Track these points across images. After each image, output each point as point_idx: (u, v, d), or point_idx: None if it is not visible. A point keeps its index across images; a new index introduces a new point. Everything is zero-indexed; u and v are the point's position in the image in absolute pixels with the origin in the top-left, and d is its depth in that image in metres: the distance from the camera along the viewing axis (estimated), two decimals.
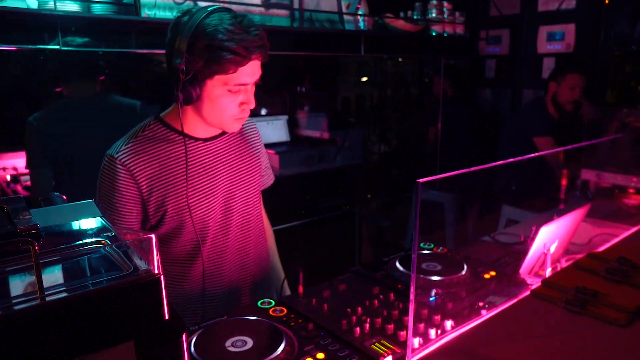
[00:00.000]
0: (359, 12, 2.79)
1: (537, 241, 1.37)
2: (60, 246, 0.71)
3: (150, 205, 1.23)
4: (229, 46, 1.12)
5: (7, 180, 2.36)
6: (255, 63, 1.20)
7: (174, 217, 1.26)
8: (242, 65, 1.16)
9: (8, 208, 0.74)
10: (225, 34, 1.12)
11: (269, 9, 2.42)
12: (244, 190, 1.38)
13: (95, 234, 0.77)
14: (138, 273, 0.66)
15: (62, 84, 2.24)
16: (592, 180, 2.40)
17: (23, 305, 0.59)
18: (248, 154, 1.41)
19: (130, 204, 1.22)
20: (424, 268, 1.45)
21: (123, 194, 1.21)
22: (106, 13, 1.98)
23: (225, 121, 1.25)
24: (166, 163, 1.24)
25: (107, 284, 0.64)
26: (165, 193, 1.24)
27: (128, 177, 1.20)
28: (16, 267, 0.66)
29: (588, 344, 1.13)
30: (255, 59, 1.18)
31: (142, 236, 0.70)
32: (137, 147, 1.22)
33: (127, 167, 1.20)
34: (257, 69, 1.22)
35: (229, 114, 1.23)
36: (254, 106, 1.25)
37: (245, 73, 1.19)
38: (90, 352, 0.62)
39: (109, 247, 0.73)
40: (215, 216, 1.32)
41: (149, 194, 1.22)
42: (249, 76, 1.20)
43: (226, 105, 1.21)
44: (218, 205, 1.32)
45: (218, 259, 1.36)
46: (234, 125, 1.28)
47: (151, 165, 1.22)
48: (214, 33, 1.12)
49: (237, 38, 1.13)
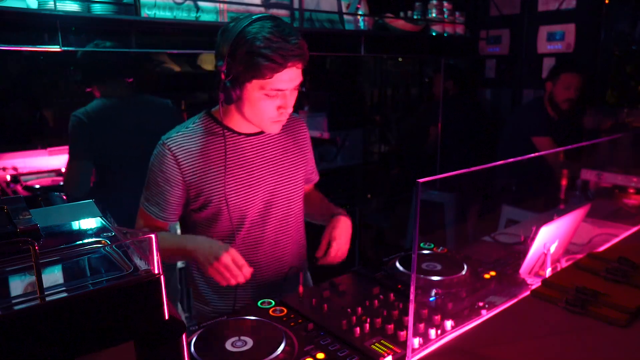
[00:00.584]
0: (359, 12, 2.79)
1: (537, 241, 1.37)
2: (60, 246, 0.71)
3: (191, 191, 1.34)
4: (265, 53, 1.19)
5: (7, 180, 2.36)
6: (293, 70, 1.25)
7: (213, 204, 1.35)
8: (278, 71, 1.22)
9: (8, 208, 0.74)
10: (263, 42, 1.19)
11: (269, 9, 2.42)
12: (286, 185, 1.45)
13: (95, 234, 0.77)
14: (138, 273, 0.66)
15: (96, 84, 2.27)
16: (592, 180, 2.40)
17: (23, 305, 0.59)
18: (292, 150, 1.48)
19: (174, 187, 1.34)
20: (424, 268, 1.45)
21: (168, 177, 1.33)
22: (106, 13, 1.98)
23: (264, 122, 1.33)
24: (209, 153, 1.35)
25: (107, 284, 0.64)
26: (205, 181, 1.34)
27: (173, 162, 1.32)
28: (16, 267, 0.66)
29: (588, 344, 1.13)
30: (292, 67, 1.24)
31: (142, 236, 0.70)
32: (186, 136, 1.34)
33: (173, 152, 1.32)
34: (296, 76, 1.28)
35: (267, 116, 1.30)
36: (291, 111, 1.33)
37: (282, 79, 1.24)
38: (90, 352, 0.62)
39: (109, 247, 0.73)
40: (254, 208, 1.39)
41: (191, 179, 1.33)
42: (286, 82, 1.26)
43: (264, 108, 1.29)
44: (258, 198, 1.40)
45: (253, 249, 1.43)
46: (272, 127, 1.34)
47: (195, 154, 1.33)
48: (253, 40, 1.20)
49: (274, 46, 1.19)
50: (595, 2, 3.28)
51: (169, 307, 0.68)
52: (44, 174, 2.50)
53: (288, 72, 1.24)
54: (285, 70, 1.23)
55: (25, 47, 1.94)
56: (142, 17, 2.01)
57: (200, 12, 2.18)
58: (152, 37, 2.34)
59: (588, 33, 3.32)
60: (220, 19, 2.24)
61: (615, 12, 3.25)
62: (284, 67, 1.22)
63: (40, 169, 2.50)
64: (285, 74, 1.24)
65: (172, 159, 1.32)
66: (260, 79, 1.23)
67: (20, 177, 2.41)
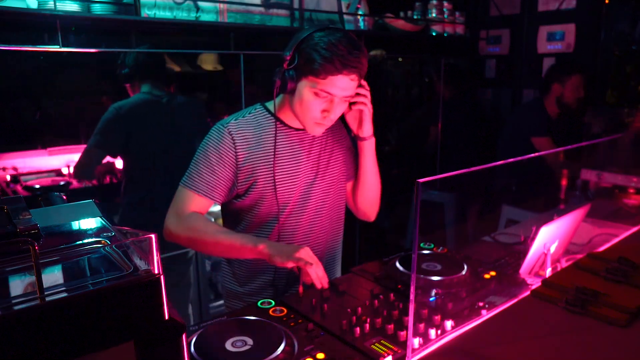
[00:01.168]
0: (359, 12, 2.79)
1: (537, 241, 1.37)
2: (60, 246, 0.71)
3: (240, 174, 1.42)
4: (326, 55, 1.28)
5: (7, 180, 2.36)
6: (347, 80, 1.32)
7: (258, 189, 1.43)
8: (331, 74, 1.29)
9: (8, 208, 0.74)
10: (327, 45, 1.29)
11: (269, 9, 2.42)
12: (324, 180, 1.53)
13: (95, 234, 0.77)
14: (138, 273, 0.66)
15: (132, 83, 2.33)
16: (592, 180, 2.40)
17: (23, 305, 0.59)
18: (334, 150, 1.56)
19: (227, 167, 1.41)
20: (424, 268, 1.45)
21: (223, 156, 1.40)
22: (106, 13, 1.98)
23: (307, 121, 1.40)
24: (262, 141, 1.43)
25: (107, 284, 0.64)
26: (255, 166, 1.42)
27: (231, 144, 1.40)
28: (16, 267, 0.66)
29: (588, 344, 1.13)
30: (346, 75, 1.31)
31: (142, 236, 0.70)
32: (243, 123, 1.44)
33: (232, 135, 1.40)
34: (348, 87, 1.34)
35: (310, 115, 1.37)
36: (335, 118, 1.39)
37: (335, 84, 1.31)
38: (90, 352, 0.62)
39: (108, 247, 0.73)
40: (293, 198, 1.47)
41: (243, 163, 1.41)
42: (337, 88, 1.32)
43: (311, 106, 1.35)
44: (298, 189, 1.48)
45: (289, 239, 1.50)
46: (314, 128, 1.41)
47: (250, 140, 1.42)
48: (319, 41, 1.30)
49: (335, 51, 1.28)
50: (595, 2, 3.28)
51: (169, 307, 0.68)
52: (44, 174, 2.50)
53: (341, 80, 1.31)
54: (340, 77, 1.30)
55: (25, 47, 1.94)
56: (142, 17, 2.01)
57: (200, 12, 2.19)
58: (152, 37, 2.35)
59: (588, 33, 3.32)
60: (220, 19, 2.24)
61: (615, 12, 3.25)
62: (339, 73, 1.29)
63: (40, 169, 2.50)
64: (339, 80, 1.31)
65: (229, 140, 1.40)
66: (315, 77, 1.30)
67: (20, 177, 2.41)
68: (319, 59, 1.28)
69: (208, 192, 1.39)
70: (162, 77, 2.39)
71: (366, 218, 1.69)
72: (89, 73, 2.28)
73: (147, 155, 2.32)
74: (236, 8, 2.27)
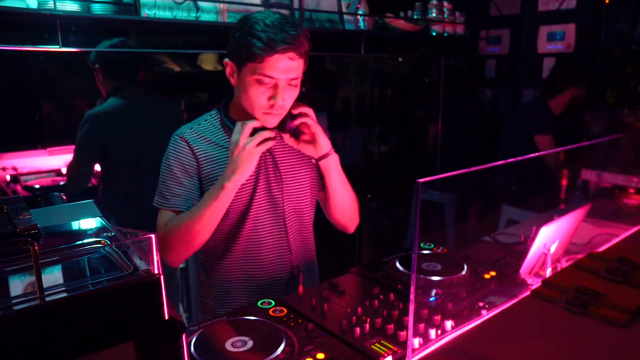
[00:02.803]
0: (359, 12, 2.79)
1: (537, 241, 1.37)
2: (60, 246, 0.71)
3: (204, 181, 1.39)
4: (259, 35, 1.22)
5: (7, 180, 2.36)
6: (286, 60, 1.25)
7: None
8: (267, 55, 1.23)
9: (8, 208, 0.74)
10: (260, 25, 1.23)
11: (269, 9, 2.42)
12: (289, 180, 1.46)
13: (95, 234, 0.77)
14: (138, 273, 0.66)
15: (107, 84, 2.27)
16: (592, 180, 2.40)
17: (23, 305, 0.59)
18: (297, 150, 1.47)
19: (191, 177, 1.38)
20: (424, 268, 1.45)
21: (185, 166, 1.37)
22: (106, 13, 1.98)
23: (255, 111, 1.32)
24: (220, 146, 1.40)
25: (107, 284, 0.64)
26: (216, 173, 1.38)
27: (189, 153, 1.38)
28: (16, 267, 0.66)
29: (588, 344, 1.13)
30: (284, 55, 1.23)
31: (142, 236, 0.70)
32: (198, 130, 1.41)
33: (189, 143, 1.38)
34: (290, 68, 1.26)
35: (257, 104, 1.30)
36: (283, 104, 1.29)
37: (274, 67, 1.24)
38: (90, 352, 0.62)
39: (108, 247, 0.72)
40: (257, 202, 1.42)
41: (204, 170, 1.38)
42: (277, 71, 1.25)
43: (254, 94, 1.29)
44: (263, 192, 1.42)
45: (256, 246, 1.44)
46: (265, 118, 1.33)
47: (208, 147, 1.39)
48: (253, 23, 1.25)
49: (269, 31, 1.22)
50: (595, 2, 3.28)
51: (169, 307, 0.68)
52: (44, 174, 2.50)
53: (280, 60, 1.24)
54: (277, 57, 1.23)
55: (25, 47, 1.94)
56: (142, 17, 2.01)
57: (200, 12, 2.18)
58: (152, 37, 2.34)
59: (588, 33, 3.32)
60: (220, 19, 2.24)
61: (615, 12, 3.25)
62: (274, 52, 1.22)
63: (40, 169, 2.50)
64: (277, 61, 1.24)
65: (187, 149, 1.37)
66: (252, 62, 1.25)
67: (20, 177, 2.41)
68: (253, 41, 1.22)
69: (183, 205, 1.35)
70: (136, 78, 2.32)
71: (344, 230, 1.62)
72: (89, 73, 2.28)
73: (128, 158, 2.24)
74: (236, 8, 2.27)
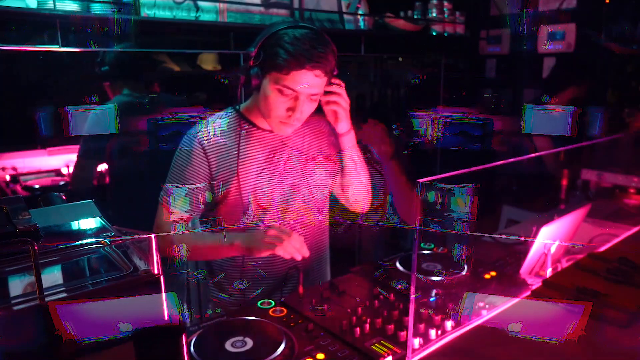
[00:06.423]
0: (359, 12, 2.79)
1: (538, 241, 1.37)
2: (60, 246, 0.71)
3: (216, 183, 1.39)
4: (288, 49, 1.24)
5: (7, 180, 2.35)
6: (311, 76, 1.27)
7: (235, 196, 1.40)
8: (293, 70, 1.25)
9: (7, 208, 0.74)
10: (290, 39, 1.25)
11: (269, 9, 2.42)
12: (304, 180, 1.48)
13: (94, 234, 0.77)
14: (138, 273, 0.66)
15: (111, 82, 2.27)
16: (592, 180, 2.39)
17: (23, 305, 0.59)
18: (312, 146, 1.51)
19: (200, 178, 1.38)
20: (424, 268, 1.45)
21: (196, 168, 1.37)
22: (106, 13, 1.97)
23: (272, 120, 1.35)
24: (233, 147, 1.40)
25: (107, 284, 0.64)
26: (229, 173, 1.39)
27: (202, 155, 1.37)
28: (16, 267, 0.66)
29: (588, 345, 1.13)
30: (310, 71, 1.26)
31: (142, 236, 0.70)
32: (213, 131, 1.40)
33: (202, 146, 1.38)
34: (315, 84, 1.29)
35: (275, 113, 1.32)
36: (300, 116, 1.33)
37: (298, 81, 1.27)
38: (90, 352, 0.62)
39: (108, 247, 0.72)
40: (272, 202, 1.44)
41: (217, 172, 1.39)
42: (302, 85, 1.28)
43: (275, 104, 1.31)
44: (276, 191, 1.44)
45: None
46: (281, 127, 1.36)
47: (221, 148, 1.39)
48: (282, 36, 1.26)
49: (298, 46, 1.24)
50: (595, 2, 3.27)
51: (168, 307, 0.68)
52: (44, 174, 2.50)
53: (305, 75, 1.26)
54: (303, 72, 1.25)
55: (25, 47, 1.94)
56: (142, 17, 2.01)
57: (200, 11, 2.18)
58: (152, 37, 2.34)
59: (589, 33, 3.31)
60: (220, 19, 2.24)
61: (616, 12, 3.25)
62: (301, 68, 1.25)
63: (40, 169, 2.50)
64: (303, 76, 1.26)
65: (201, 151, 1.37)
66: (278, 73, 1.26)
67: (20, 177, 2.40)
68: (282, 54, 1.24)
69: (187, 206, 1.37)
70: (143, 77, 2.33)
71: (358, 211, 1.64)
72: (89, 73, 2.28)
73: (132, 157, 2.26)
74: (236, 8, 2.27)
